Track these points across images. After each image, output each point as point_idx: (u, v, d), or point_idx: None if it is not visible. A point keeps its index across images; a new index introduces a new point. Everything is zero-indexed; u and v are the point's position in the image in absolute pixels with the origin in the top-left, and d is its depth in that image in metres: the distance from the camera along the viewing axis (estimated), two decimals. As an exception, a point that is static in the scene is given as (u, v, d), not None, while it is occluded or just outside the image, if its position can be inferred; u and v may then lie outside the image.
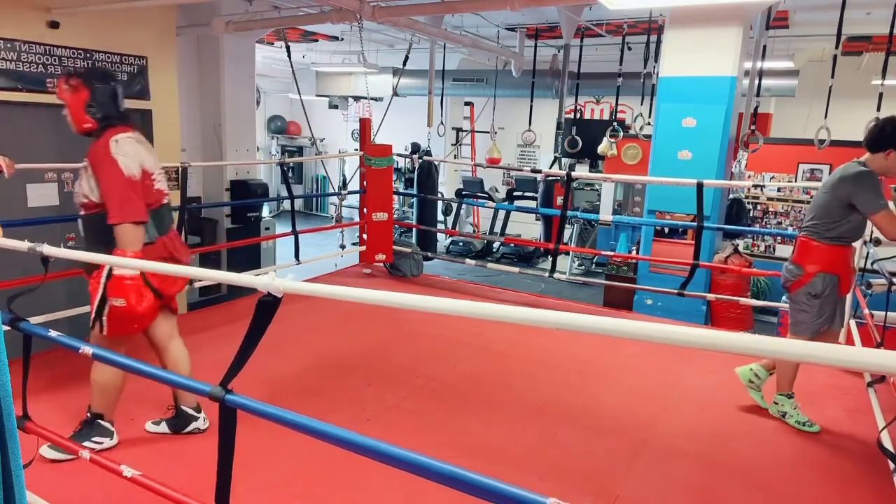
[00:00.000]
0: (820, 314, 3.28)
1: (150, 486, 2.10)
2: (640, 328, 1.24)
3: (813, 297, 3.27)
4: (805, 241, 3.31)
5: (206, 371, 2.00)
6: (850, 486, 2.88)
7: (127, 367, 2.16)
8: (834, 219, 3.18)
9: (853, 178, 3.08)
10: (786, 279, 3.42)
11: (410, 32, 7.20)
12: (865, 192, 3.04)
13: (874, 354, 1.04)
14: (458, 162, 12.22)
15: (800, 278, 3.30)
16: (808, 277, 3.27)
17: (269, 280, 1.69)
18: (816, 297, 3.26)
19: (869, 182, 3.06)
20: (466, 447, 3.06)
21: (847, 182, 3.10)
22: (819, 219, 3.24)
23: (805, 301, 3.30)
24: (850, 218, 3.16)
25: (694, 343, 1.20)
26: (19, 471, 1.52)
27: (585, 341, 4.54)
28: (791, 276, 3.36)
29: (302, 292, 1.73)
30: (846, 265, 3.30)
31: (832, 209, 3.18)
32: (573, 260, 9.77)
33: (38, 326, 2.37)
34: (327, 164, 11.83)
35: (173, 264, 2.65)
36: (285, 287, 1.68)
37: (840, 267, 3.27)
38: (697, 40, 5.23)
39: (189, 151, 6.57)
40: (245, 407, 1.84)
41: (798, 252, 3.36)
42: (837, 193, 3.13)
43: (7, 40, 4.54)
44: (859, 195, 3.05)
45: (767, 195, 7.85)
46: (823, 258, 3.24)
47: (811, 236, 3.28)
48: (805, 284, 3.28)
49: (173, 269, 2.33)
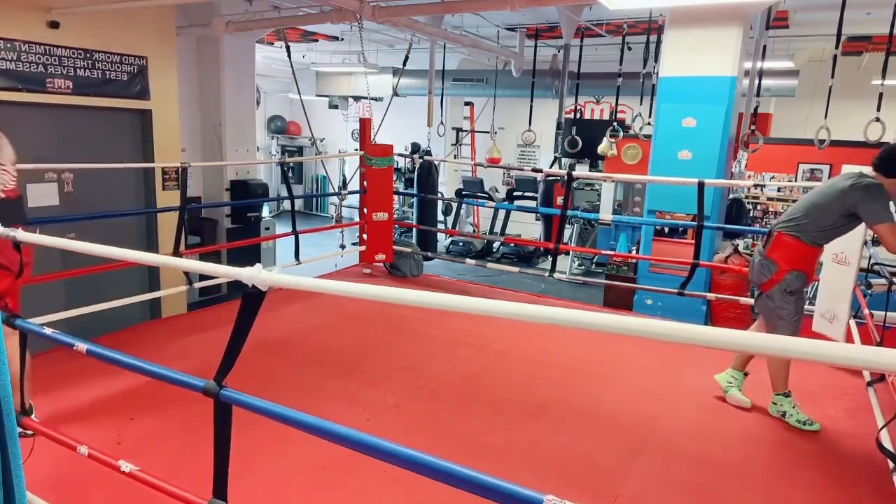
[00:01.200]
0: (797, 310, 3.34)
1: (147, 482, 2.09)
2: (640, 324, 1.23)
3: (789, 294, 3.32)
4: (786, 239, 3.32)
5: (206, 371, 2.00)
6: (849, 486, 2.88)
7: (123, 363, 2.15)
8: (829, 224, 3.20)
9: (865, 189, 3.09)
10: (759, 276, 3.43)
11: (410, 32, 7.20)
12: (876, 202, 3.06)
13: (869, 352, 1.04)
14: (458, 162, 12.22)
15: (773, 275, 3.35)
16: (781, 275, 3.32)
17: (255, 272, 1.66)
18: (793, 294, 3.32)
19: (880, 194, 3.08)
20: (466, 447, 3.06)
21: (858, 191, 3.10)
22: (811, 220, 3.24)
23: (781, 299, 3.35)
24: (845, 226, 3.20)
25: (691, 340, 1.19)
26: (19, 471, 1.52)
27: (585, 341, 4.54)
28: (765, 272, 3.39)
29: (286, 285, 1.69)
30: (813, 265, 3.38)
31: (831, 215, 3.19)
32: (573, 260, 9.77)
33: (32, 324, 2.37)
34: (327, 164, 11.84)
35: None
36: (270, 280, 1.66)
37: (810, 265, 3.34)
38: (697, 40, 5.23)
39: (189, 151, 6.58)
40: (240, 402, 1.83)
41: (773, 247, 3.37)
42: (845, 202, 3.14)
43: (7, 40, 4.54)
44: (870, 205, 3.07)
45: (767, 195, 7.86)
46: (800, 257, 3.29)
47: (796, 235, 3.28)
48: (779, 282, 3.33)
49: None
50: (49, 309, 3.86)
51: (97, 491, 2.57)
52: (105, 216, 5.05)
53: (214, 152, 7.08)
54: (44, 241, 2.29)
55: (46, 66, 4.80)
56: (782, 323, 3.36)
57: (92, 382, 3.44)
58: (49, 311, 3.82)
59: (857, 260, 3.67)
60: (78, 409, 3.25)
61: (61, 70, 4.89)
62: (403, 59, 7.62)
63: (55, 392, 3.37)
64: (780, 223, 3.41)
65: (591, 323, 1.25)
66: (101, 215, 5.00)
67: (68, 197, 5.10)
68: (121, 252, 2.00)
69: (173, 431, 3.08)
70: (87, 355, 2.14)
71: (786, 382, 3.43)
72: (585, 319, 1.26)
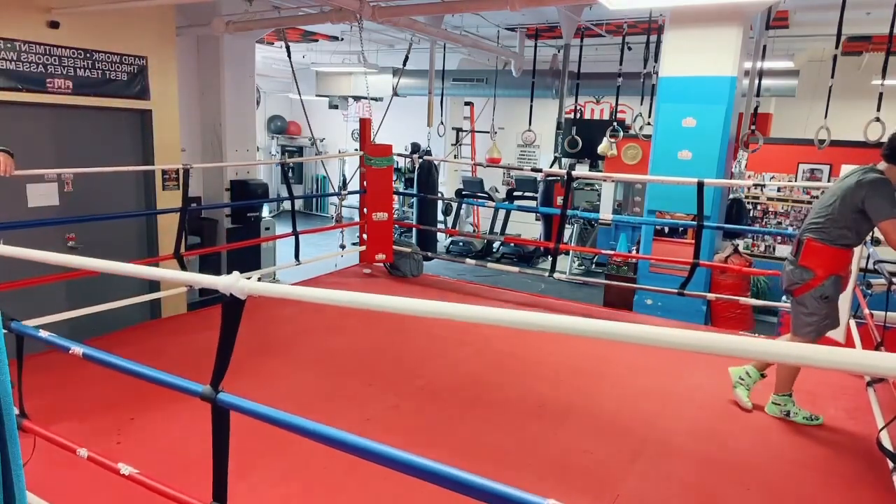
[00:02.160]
0: (828, 316, 3.29)
1: (147, 484, 2.09)
2: (638, 331, 1.22)
3: (824, 299, 3.25)
4: (816, 245, 3.26)
5: (206, 371, 2.00)
6: (849, 486, 2.88)
7: (119, 367, 2.15)
8: (845, 224, 3.17)
9: (869, 184, 3.07)
10: (791, 282, 3.37)
11: (410, 32, 7.21)
12: (880, 199, 3.04)
13: (868, 357, 1.04)
14: (458, 162, 12.22)
15: (808, 282, 3.27)
16: (817, 281, 3.24)
17: (232, 281, 1.63)
18: (827, 300, 3.25)
19: (884, 189, 3.06)
20: (466, 447, 3.06)
21: (863, 187, 3.09)
22: (829, 222, 3.22)
23: (815, 304, 3.28)
24: (860, 226, 3.16)
25: (689, 346, 1.18)
26: (19, 471, 1.52)
27: (585, 341, 4.54)
28: (798, 279, 3.32)
29: (263, 293, 1.67)
30: (848, 267, 3.32)
31: (844, 215, 3.16)
32: (573, 260, 9.77)
33: (28, 327, 2.36)
34: (327, 164, 11.83)
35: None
36: (249, 289, 1.63)
37: (844, 269, 3.29)
38: (697, 40, 5.23)
39: (189, 151, 6.57)
40: (237, 407, 1.83)
41: (806, 255, 3.31)
42: (853, 198, 3.11)
43: (7, 40, 4.54)
44: (874, 201, 3.05)
45: (767, 195, 7.85)
46: (832, 261, 3.23)
47: (819, 239, 3.24)
48: (814, 287, 3.26)
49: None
50: (50, 310, 3.85)
51: (96, 493, 2.57)
52: (105, 218, 5.05)
53: (214, 152, 7.07)
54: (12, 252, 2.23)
55: (46, 66, 4.80)
56: (808, 328, 3.31)
57: (92, 382, 3.43)
58: (50, 312, 3.82)
59: (857, 260, 3.67)
60: (78, 409, 3.25)
61: (61, 70, 4.89)
62: (403, 59, 7.62)
63: (55, 393, 3.37)
64: (804, 229, 3.36)
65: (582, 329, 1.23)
66: (102, 217, 5.00)
67: (68, 197, 5.09)
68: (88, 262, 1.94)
69: (173, 430, 3.07)
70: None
71: (792, 384, 3.42)
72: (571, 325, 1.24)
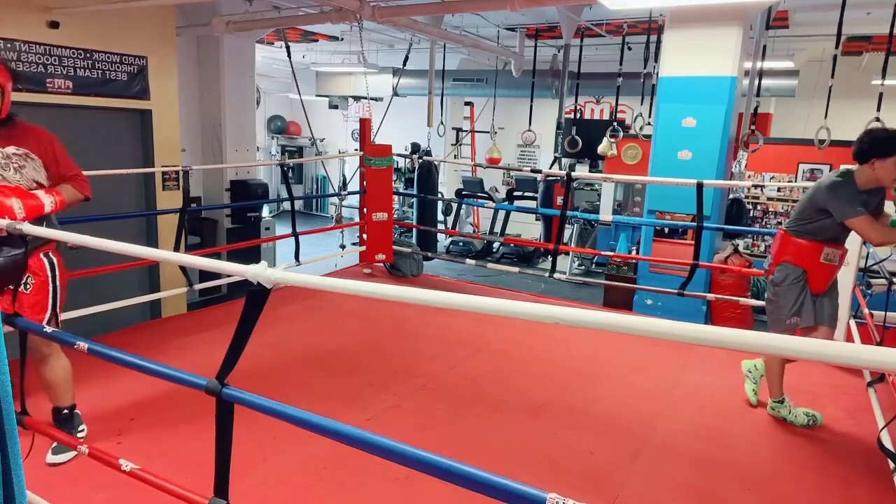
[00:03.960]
0: (784, 305, 3.31)
1: (148, 480, 2.09)
2: (640, 323, 1.23)
3: (774, 285, 3.36)
4: (781, 233, 3.42)
5: (206, 371, 2.00)
6: (850, 486, 2.88)
7: (124, 362, 2.15)
8: (805, 217, 3.28)
9: (827, 188, 3.17)
10: (764, 272, 3.56)
11: (410, 32, 7.21)
12: (838, 201, 3.12)
13: (871, 351, 1.04)
14: (458, 162, 12.21)
15: (767, 269, 3.45)
16: (772, 266, 3.39)
17: (260, 270, 1.67)
18: (776, 286, 3.34)
19: (840, 192, 3.13)
20: (466, 447, 3.07)
21: (823, 191, 3.19)
22: (796, 216, 3.35)
23: (770, 289, 3.40)
24: (820, 219, 3.23)
25: (689, 339, 1.19)
26: (19, 471, 1.52)
27: (585, 341, 4.54)
28: (766, 267, 3.49)
29: (291, 283, 1.69)
30: (813, 260, 3.31)
31: (805, 209, 3.28)
32: (573, 260, 9.76)
33: (32, 322, 2.37)
34: (327, 165, 11.85)
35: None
36: (275, 278, 1.66)
37: (805, 260, 3.29)
38: (697, 40, 5.23)
39: (189, 151, 6.58)
40: (242, 401, 1.84)
41: (773, 242, 3.50)
42: (814, 200, 3.23)
43: (7, 40, 4.54)
44: (833, 204, 3.13)
45: (767, 195, 7.86)
46: (790, 250, 3.33)
47: (787, 231, 3.38)
48: (770, 274, 3.41)
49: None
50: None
51: (98, 490, 2.57)
52: (105, 218, 5.04)
53: (214, 152, 7.08)
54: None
55: (46, 66, 4.80)
56: (771, 318, 3.41)
57: (92, 382, 3.43)
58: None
59: (857, 260, 3.67)
60: (79, 409, 3.24)
61: (61, 70, 4.89)
62: (403, 59, 7.62)
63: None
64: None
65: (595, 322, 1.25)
66: (101, 217, 4.99)
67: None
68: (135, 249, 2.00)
69: (174, 431, 3.07)
70: (87, 354, 2.14)
71: (780, 390, 3.45)
72: (592, 319, 1.26)
